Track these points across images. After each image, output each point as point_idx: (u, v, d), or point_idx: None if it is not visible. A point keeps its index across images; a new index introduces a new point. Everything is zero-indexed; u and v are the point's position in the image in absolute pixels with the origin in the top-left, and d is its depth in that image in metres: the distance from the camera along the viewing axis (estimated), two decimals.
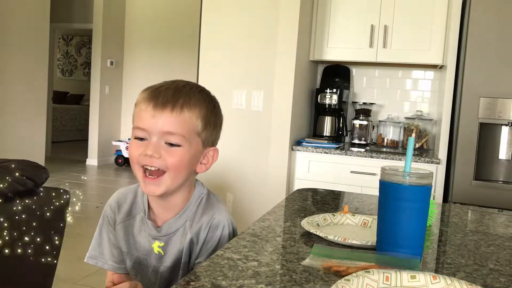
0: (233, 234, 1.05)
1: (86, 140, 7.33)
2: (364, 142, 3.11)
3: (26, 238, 1.63)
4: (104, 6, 6.87)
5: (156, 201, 1.06)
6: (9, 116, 4.89)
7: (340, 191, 1.60)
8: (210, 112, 1.02)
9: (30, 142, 5.17)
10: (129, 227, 1.09)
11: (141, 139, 0.97)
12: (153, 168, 0.96)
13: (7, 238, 1.54)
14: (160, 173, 0.97)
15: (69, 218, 1.85)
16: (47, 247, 1.76)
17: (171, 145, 0.96)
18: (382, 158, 2.71)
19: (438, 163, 2.63)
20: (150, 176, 0.97)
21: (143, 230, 1.07)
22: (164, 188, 0.98)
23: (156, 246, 1.05)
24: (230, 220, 1.05)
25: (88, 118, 7.18)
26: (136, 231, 1.08)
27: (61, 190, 1.79)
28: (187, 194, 1.06)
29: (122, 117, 7.45)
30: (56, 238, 1.79)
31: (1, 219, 1.50)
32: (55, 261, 1.82)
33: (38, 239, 1.69)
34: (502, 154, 2.55)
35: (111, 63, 7.12)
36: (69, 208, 1.81)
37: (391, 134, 3.15)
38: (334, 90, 3.05)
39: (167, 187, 0.98)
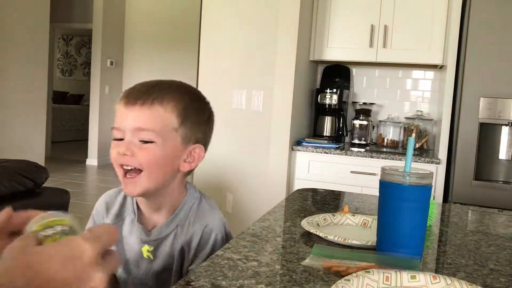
0: (226, 238, 1.02)
1: (86, 140, 7.33)
2: (364, 142, 3.11)
3: None
4: (104, 6, 6.87)
5: (144, 203, 1.03)
6: (9, 116, 4.88)
7: (340, 191, 1.60)
8: (189, 107, 0.97)
9: (30, 142, 5.17)
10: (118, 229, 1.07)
11: (119, 139, 0.95)
12: (129, 168, 0.94)
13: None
14: (137, 172, 0.94)
15: None
16: None
17: (144, 142, 0.93)
18: (382, 158, 2.71)
19: (438, 163, 2.63)
20: (129, 176, 0.95)
21: (133, 233, 1.05)
22: (141, 189, 0.95)
23: (146, 250, 1.02)
24: (223, 225, 1.03)
25: (88, 118, 7.18)
26: (126, 233, 1.06)
27: (61, 190, 1.80)
28: (177, 197, 1.03)
29: None
30: None
31: None
32: None
33: None
34: (502, 154, 2.55)
35: (111, 63, 7.12)
36: (69, 208, 1.81)
37: (391, 134, 3.15)
38: (334, 90, 3.05)
39: (143, 187, 0.95)
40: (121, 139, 0.95)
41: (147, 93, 0.94)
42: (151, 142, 0.93)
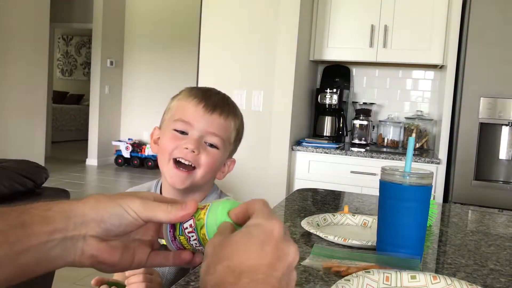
0: None
1: (86, 140, 7.33)
2: (364, 142, 3.11)
3: None
4: (104, 6, 6.87)
5: (173, 196, 1.05)
6: (9, 116, 4.88)
7: (340, 191, 1.60)
8: (242, 126, 1.09)
9: (30, 142, 5.17)
10: None
11: (182, 132, 0.99)
12: (187, 163, 0.98)
13: None
14: (190, 168, 0.99)
15: None
16: None
17: (210, 145, 1.00)
18: (382, 158, 2.70)
19: (438, 163, 2.63)
20: (183, 169, 0.99)
21: None
22: (190, 183, 1.00)
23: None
24: None
25: (88, 118, 7.18)
26: None
27: (61, 190, 1.79)
28: (203, 197, 1.08)
29: (122, 117, 7.45)
30: None
31: None
32: None
33: None
34: (502, 154, 2.55)
35: (111, 63, 7.12)
36: None
37: (391, 134, 3.15)
38: (334, 90, 3.05)
39: (192, 182, 1.00)
40: (183, 132, 0.99)
41: (224, 104, 1.03)
42: (217, 148, 1.01)
